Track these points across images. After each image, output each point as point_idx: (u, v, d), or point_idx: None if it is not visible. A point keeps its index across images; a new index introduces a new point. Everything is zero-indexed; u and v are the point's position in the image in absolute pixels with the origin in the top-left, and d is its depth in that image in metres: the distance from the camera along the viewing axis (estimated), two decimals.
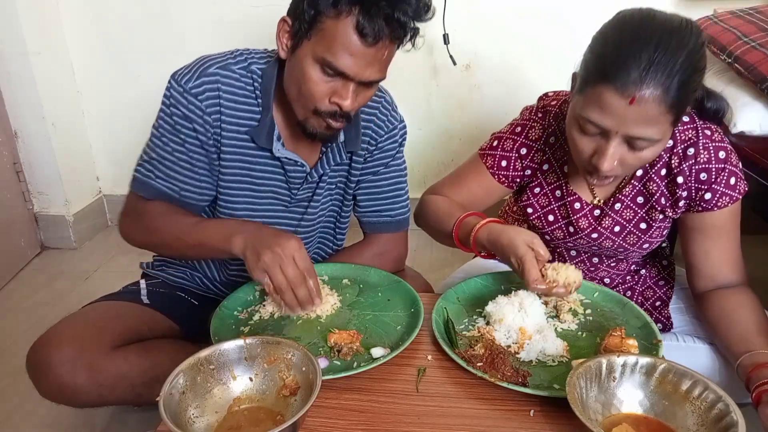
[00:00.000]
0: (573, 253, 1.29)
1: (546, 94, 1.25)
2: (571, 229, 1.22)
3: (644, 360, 0.84)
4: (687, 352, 1.21)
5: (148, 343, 1.17)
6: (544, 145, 1.20)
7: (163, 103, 1.13)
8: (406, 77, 2.18)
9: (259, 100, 1.14)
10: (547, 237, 1.26)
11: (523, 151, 1.21)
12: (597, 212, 1.20)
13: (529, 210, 1.25)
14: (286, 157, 1.18)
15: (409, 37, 1.05)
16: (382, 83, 1.15)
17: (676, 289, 1.33)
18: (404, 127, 1.31)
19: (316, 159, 1.24)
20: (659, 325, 1.28)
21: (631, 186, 1.17)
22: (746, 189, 1.12)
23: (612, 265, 1.29)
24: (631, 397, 0.84)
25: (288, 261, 0.99)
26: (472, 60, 2.18)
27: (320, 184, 1.25)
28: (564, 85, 1.25)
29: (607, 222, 1.19)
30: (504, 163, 1.23)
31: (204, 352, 0.84)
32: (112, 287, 1.31)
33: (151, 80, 2.29)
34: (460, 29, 2.06)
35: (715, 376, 1.17)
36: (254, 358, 0.86)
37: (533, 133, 1.20)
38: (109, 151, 2.45)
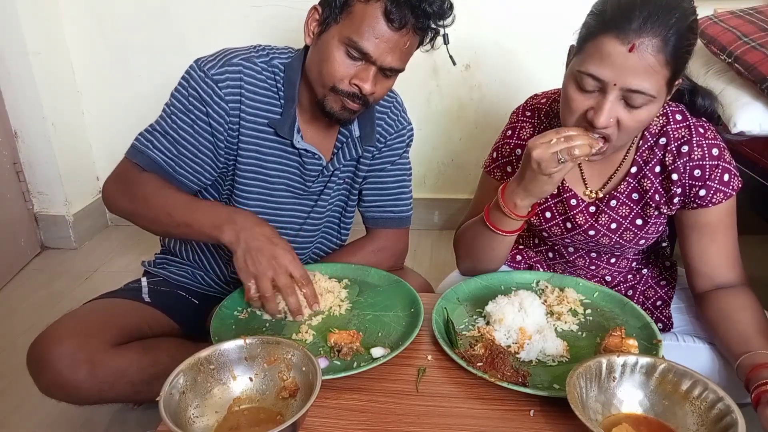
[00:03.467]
0: (571, 249, 1.30)
1: (535, 95, 1.26)
2: (569, 225, 1.22)
3: (644, 360, 0.84)
4: (687, 352, 1.21)
5: (149, 340, 1.18)
6: None
7: (180, 84, 1.17)
8: (406, 77, 2.16)
9: (281, 93, 1.19)
10: (545, 233, 1.26)
11: (518, 151, 1.22)
12: (593, 209, 1.21)
13: None
14: (305, 149, 1.22)
15: (429, 36, 1.12)
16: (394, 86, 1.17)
17: (677, 289, 1.33)
18: (412, 129, 1.37)
19: (331, 153, 1.28)
20: (659, 324, 1.28)
21: (626, 183, 1.18)
22: (740, 185, 1.13)
23: (612, 261, 1.29)
24: (631, 397, 0.84)
25: (281, 271, 1.03)
26: (472, 60, 2.18)
27: (332, 178, 1.29)
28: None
29: (603, 219, 1.20)
30: (509, 169, 1.23)
31: (204, 352, 0.84)
32: (112, 287, 1.31)
33: (151, 80, 2.29)
34: (460, 29, 2.05)
35: (715, 376, 1.17)
36: (254, 358, 0.86)
37: (524, 133, 1.21)
38: (109, 151, 2.44)
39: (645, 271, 1.35)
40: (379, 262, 1.28)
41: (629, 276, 1.34)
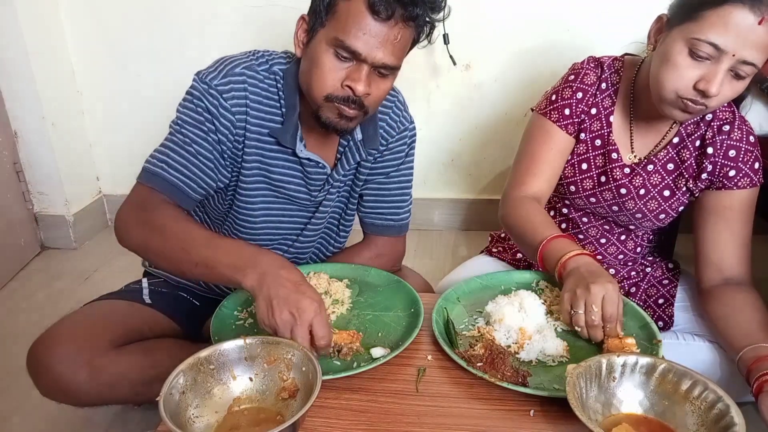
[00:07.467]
0: (585, 219, 1.32)
1: (592, 56, 1.27)
2: (603, 179, 1.24)
3: (644, 360, 0.84)
4: (687, 350, 1.22)
5: (149, 342, 1.18)
6: (597, 90, 1.23)
7: (186, 99, 1.13)
8: (406, 77, 2.17)
9: (282, 101, 1.15)
10: (573, 188, 1.28)
11: (579, 95, 1.23)
12: (627, 170, 1.23)
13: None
14: (308, 158, 1.18)
15: (426, 31, 1.08)
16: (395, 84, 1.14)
17: (683, 289, 1.34)
18: (414, 128, 1.33)
19: (334, 160, 1.25)
20: (660, 323, 1.29)
21: (665, 151, 1.21)
22: (762, 180, 1.17)
23: (622, 239, 1.31)
24: (631, 397, 0.84)
25: (302, 326, 0.89)
26: (472, 60, 2.18)
27: (334, 184, 1.26)
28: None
29: (637, 181, 1.23)
30: (567, 112, 1.24)
31: (204, 352, 0.84)
32: (112, 287, 1.31)
33: (151, 80, 2.29)
34: (460, 29, 2.05)
35: (715, 374, 1.18)
36: (254, 358, 0.86)
37: (588, 79, 1.23)
38: (109, 151, 2.44)
39: (648, 269, 1.36)
40: (377, 268, 1.27)
41: (632, 273, 1.35)
